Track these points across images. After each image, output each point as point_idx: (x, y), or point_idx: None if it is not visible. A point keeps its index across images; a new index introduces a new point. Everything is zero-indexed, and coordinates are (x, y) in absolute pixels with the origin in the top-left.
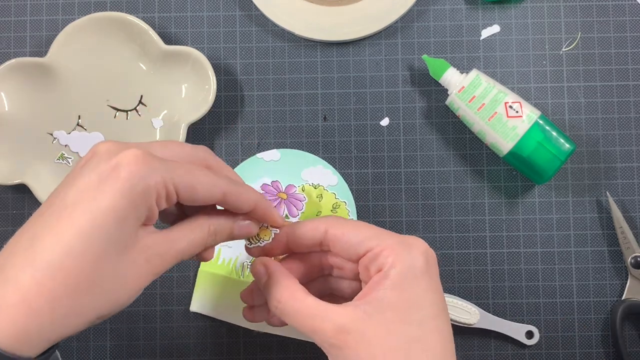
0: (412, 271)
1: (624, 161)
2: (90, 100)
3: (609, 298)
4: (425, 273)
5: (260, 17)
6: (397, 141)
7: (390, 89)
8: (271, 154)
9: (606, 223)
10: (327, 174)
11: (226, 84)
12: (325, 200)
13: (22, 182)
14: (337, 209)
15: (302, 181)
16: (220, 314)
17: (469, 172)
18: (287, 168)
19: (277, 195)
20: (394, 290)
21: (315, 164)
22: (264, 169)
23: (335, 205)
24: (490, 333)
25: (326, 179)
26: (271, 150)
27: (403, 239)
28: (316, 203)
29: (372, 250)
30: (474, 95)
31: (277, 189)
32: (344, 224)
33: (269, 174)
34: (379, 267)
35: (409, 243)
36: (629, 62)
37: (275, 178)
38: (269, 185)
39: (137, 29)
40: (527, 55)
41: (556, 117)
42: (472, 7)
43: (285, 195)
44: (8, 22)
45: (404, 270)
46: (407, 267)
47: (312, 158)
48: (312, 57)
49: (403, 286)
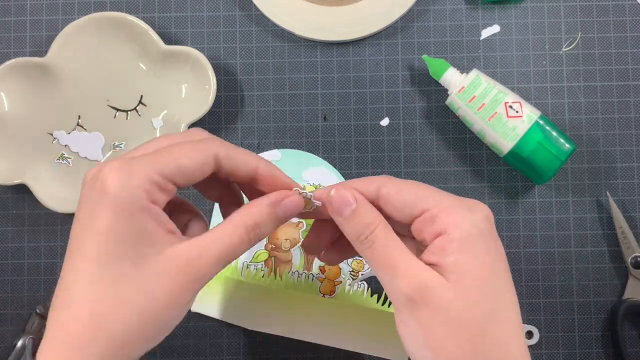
0: (478, 235)
1: (624, 161)
2: (90, 100)
3: (609, 298)
4: (490, 238)
5: (260, 17)
6: (397, 141)
7: (390, 89)
8: (272, 154)
9: (606, 223)
10: (328, 175)
11: (226, 84)
12: None
13: (22, 182)
14: None
15: (303, 181)
16: (221, 314)
17: (469, 172)
18: (288, 168)
19: None
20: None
21: (317, 164)
22: None
23: None
24: None
25: (327, 179)
26: (272, 150)
27: (463, 201)
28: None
29: (429, 211)
30: (474, 95)
31: None
32: (398, 182)
33: None
34: (438, 231)
35: (470, 205)
36: (629, 62)
37: None
38: None
39: (137, 29)
40: (527, 55)
41: (556, 117)
42: (472, 7)
43: None
44: (8, 22)
45: (469, 233)
46: (471, 230)
47: (313, 158)
48: (312, 57)
49: (473, 251)
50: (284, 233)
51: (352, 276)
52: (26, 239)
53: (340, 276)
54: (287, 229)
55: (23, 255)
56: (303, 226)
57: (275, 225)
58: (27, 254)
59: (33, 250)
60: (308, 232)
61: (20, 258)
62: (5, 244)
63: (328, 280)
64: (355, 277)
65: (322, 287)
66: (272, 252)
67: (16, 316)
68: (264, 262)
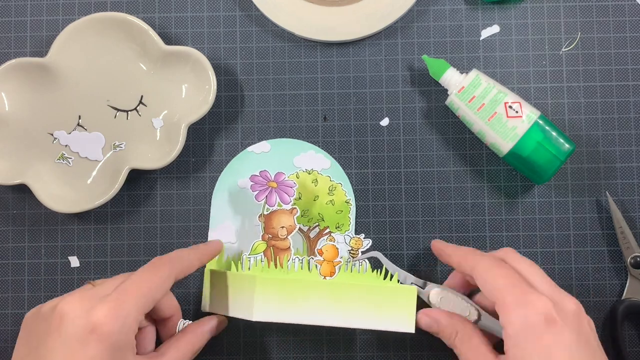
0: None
1: (623, 161)
2: (91, 100)
3: (609, 298)
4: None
5: (260, 17)
6: (397, 141)
7: (390, 89)
8: (261, 146)
9: (606, 223)
10: (319, 158)
11: (226, 84)
12: (320, 184)
13: (22, 182)
14: (334, 191)
15: (296, 168)
16: (232, 310)
17: (469, 172)
18: (278, 158)
19: (267, 184)
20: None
21: (306, 149)
22: (255, 162)
23: (331, 187)
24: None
25: (319, 163)
26: (260, 142)
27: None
28: (312, 188)
29: (496, 304)
30: (474, 95)
31: (266, 178)
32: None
33: (261, 166)
34: (503, 324)
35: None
36: (629, 62)
37: (268, 169)
38: (258, 176)
39: (137, 29)
40: (527, 55)
41: (556, 117)
42: (472, 7)
43: (275, 183)
44: (8, 22)
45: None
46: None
47: (302, 144)
48: (312, 57)
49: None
50: (278, 221)
51: (352, 254)
52: (26, 239)
53: (338, 256)
54: (281, 217)
55: (23, 255)
56: (297, 212)
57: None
58: (27, 254)
59: (33, 250)
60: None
61: (20, 258)
62: (6, 244)
63: (327, 262)
64: (354, 255)
65: (322, 269)
66: (270, 242)
67: (16, 316)
68: (263, 253)
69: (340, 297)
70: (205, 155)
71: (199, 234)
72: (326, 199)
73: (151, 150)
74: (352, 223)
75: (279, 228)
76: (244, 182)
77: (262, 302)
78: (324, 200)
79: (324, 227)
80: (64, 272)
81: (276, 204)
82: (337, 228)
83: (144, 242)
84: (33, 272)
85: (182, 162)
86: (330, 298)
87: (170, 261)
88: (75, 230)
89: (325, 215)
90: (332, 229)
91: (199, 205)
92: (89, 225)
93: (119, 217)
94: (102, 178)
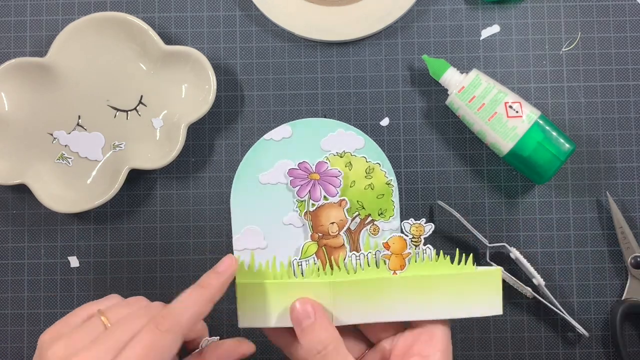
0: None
1: (624, 161)
2: (90, 100)
3: (609, 298)
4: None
5: (260, 17)
6: (397, 141)
7: (390, 89)
8: (281, 131)
9: (606, 223)
10: (349, 137)
11: (226, 84)
12: (355, 167)
13: (22, 182)
14: (372, 173)
15: (324, 152)
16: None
17: (469, 172)
18: (302, 143)
19: (309, 177)
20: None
21: (334, 128)
22: (277, 150)
23: (368, 169)
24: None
25: (350, 142)
26: (280, 126)
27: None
28: (346, 173)
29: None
30: (474, 95)
31: (306, 170)
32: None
33: (285, 154)
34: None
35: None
36: (629, 62)
37: (292, 157)
38: (297, 169)
39: (137, 29)
40: (527, 55)
41: (556, 117)
42: (472, 7)
43: (317, 175)
44: (8, 22)
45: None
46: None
47: (327, 123)
48: (312, 57)
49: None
50: (327, 217)
51: (414, 243)
52: (26, 239)
53: (407, 248)
54: (330, 211)
55: (23, 256)
56: (347, 204)
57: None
58: (26, 254)
59: (33, 250)
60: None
61: (19, 258)
62: (5, 244)
63: (395, 255)
64: (417, 243)
65: (391, 263)
66: (321, 241)
67: (16, 316)
68: (315, 255)
69: (419, 289)
70: (205, 155)
71: (199, 234)
72: (364, 184)
73: (151, 150)
74: (396, 207)
75: (328, 225)
76: (267, 177)
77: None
78: (361, 185)
79: (365, 216)
80: (63, 272)
81: (322, 197)
82: (380, 215)
83: (143, 242)
84: (33, 272)
85: (182, 162)
86: (407, 292)
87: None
88: (75, 231)
89: (365, 202)
90: (375, 216)
91: (199, 205)
92: (89, 225)
93: (118, 217)
94: (101, 178)
